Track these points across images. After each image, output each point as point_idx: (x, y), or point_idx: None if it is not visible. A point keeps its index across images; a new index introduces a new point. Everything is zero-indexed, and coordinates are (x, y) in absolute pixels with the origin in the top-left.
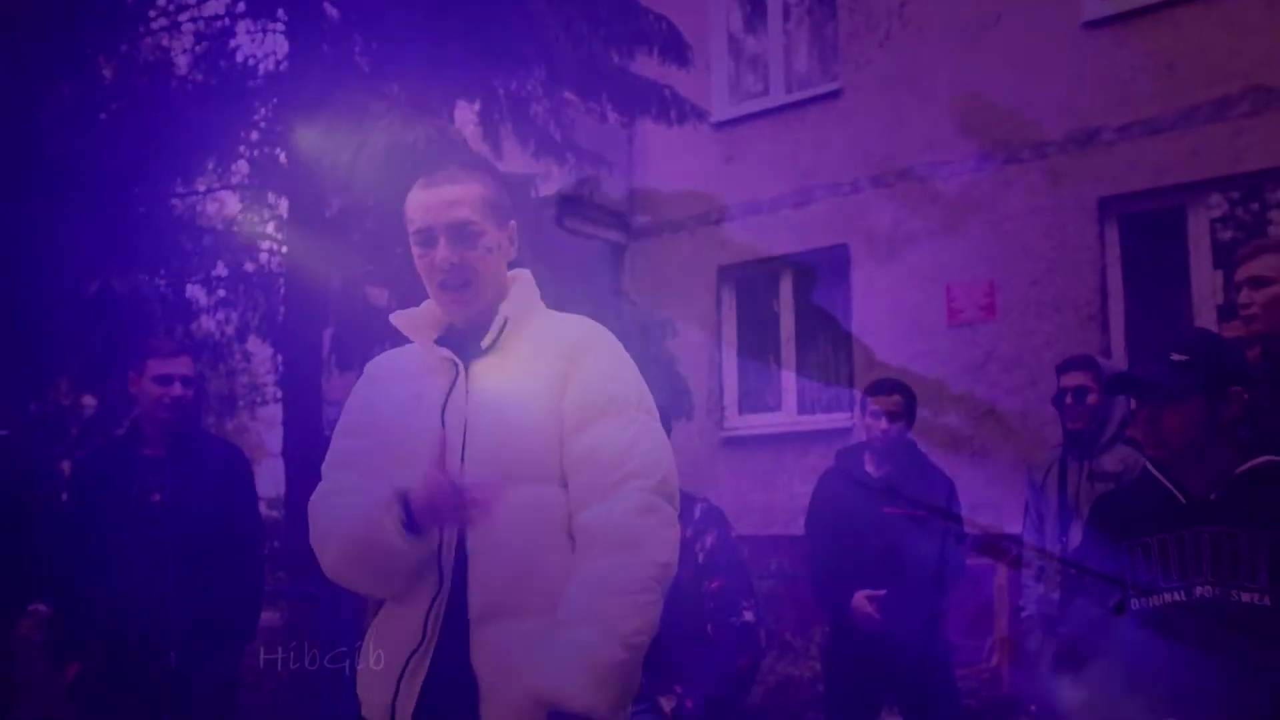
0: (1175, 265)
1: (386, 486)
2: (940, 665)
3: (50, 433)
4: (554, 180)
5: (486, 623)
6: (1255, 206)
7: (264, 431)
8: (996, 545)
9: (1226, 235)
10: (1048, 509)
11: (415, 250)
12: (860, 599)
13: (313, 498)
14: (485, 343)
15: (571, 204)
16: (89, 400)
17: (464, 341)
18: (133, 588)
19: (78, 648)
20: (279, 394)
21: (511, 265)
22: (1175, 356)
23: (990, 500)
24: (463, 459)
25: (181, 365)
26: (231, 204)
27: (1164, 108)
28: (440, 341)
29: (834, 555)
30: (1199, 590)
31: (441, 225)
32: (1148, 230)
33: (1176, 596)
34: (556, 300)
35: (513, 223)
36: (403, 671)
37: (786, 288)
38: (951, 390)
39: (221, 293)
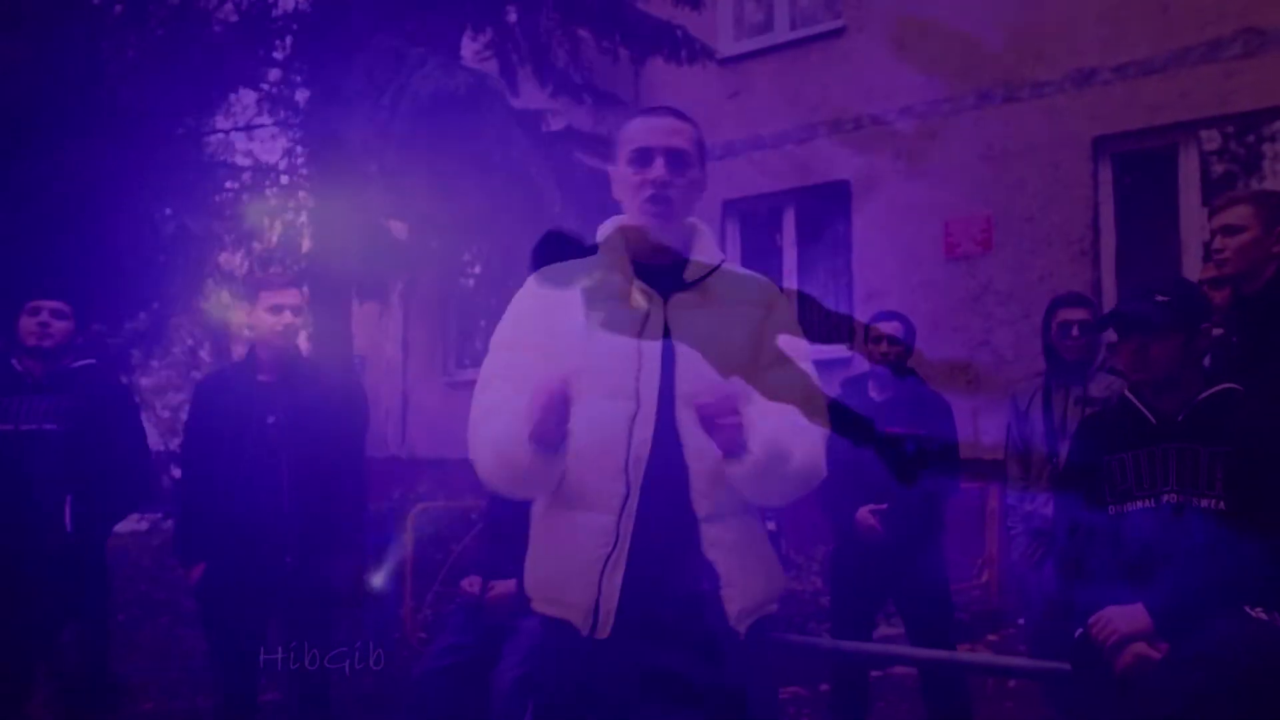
0: (1166, 203)
1: (524, 404)
2: (937, 577)
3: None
4: (563, 116)
5: (714, 521)
6: (1246, 144)
7: None
8: (989, 468)
9: (1216, 174)
10: (1033, 432)
11: (627, 170)
12: (864, 513)
13: (474, 412)
14: (690, 277)
15: (582, 139)
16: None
17: (658, 275)
18: (253, 499)
19: (203, 550)
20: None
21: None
22: (1159, 298)
23: (984, 426)
24: (673, 384)
25: (291, 296)
26: (256, 142)
27: (1157, 49)
28: (637, 274)
29: (839, 473)
30: (1165, 497)
31: (661, 147)
32: (1140, 168)
33: (1147, 503)
34: (577, 229)
35: (705, 176)
36: (602, 571)
37: (789, 221)
38: (948, 321)
39: (246, 227)
